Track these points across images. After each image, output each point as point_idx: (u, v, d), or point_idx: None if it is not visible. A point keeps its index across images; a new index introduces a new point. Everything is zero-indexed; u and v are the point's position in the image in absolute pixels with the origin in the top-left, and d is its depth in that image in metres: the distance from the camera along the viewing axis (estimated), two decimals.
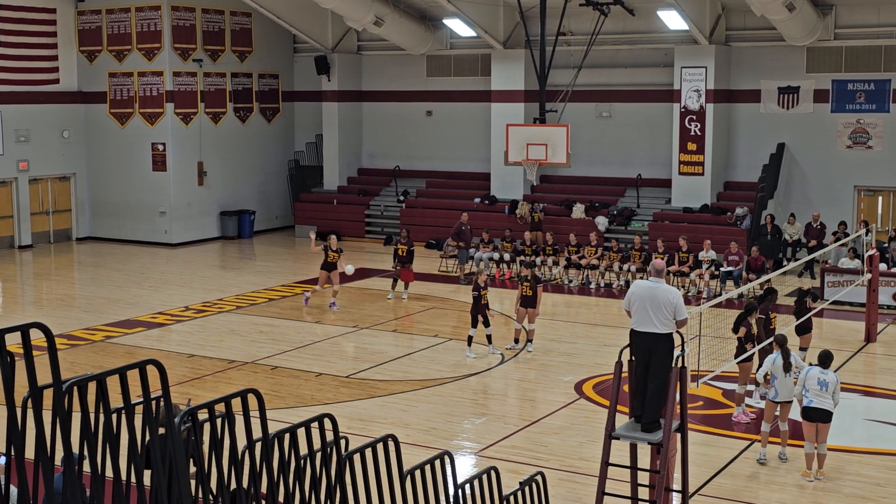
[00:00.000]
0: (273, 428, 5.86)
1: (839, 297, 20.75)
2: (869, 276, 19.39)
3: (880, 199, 27.96)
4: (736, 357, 14.40)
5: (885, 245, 24.49)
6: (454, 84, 33.17)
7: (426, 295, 23.59)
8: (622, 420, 10.44)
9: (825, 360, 12.44)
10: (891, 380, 16.90)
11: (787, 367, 12.62)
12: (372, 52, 34.30)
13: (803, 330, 16.56)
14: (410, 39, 32.08)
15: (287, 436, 6.03)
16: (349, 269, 22.35)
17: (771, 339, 13.75)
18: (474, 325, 18.10)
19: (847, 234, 24.85)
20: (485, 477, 8.80)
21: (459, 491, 8.30)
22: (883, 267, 21.89)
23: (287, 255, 30.55)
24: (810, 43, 27.61)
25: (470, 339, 18.14)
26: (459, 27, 30.96)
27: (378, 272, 26.12)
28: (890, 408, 15.22)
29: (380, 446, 6.97)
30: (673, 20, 27.60)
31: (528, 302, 18.33)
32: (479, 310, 18.10)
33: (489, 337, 18.24)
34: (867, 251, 19.76)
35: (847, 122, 27.86)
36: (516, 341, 18.47)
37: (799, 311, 16.63)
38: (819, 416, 12.14)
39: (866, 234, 20.51)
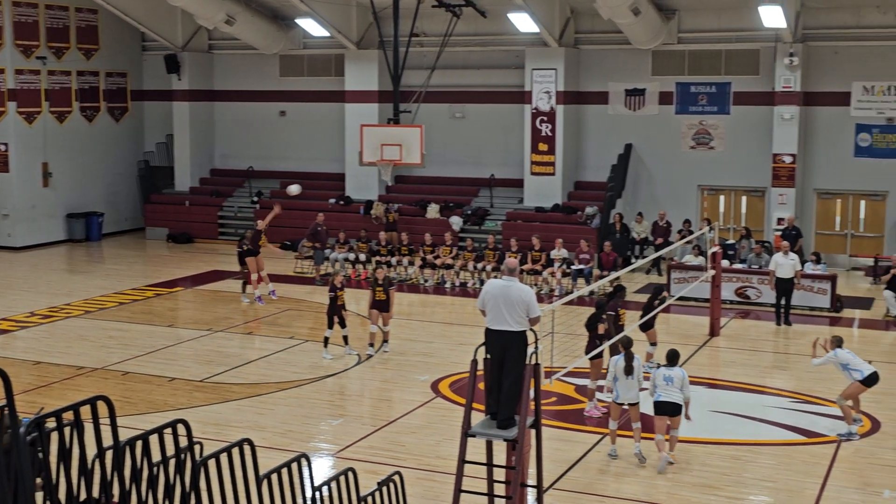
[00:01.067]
0: (124, 435, 5.73)
1: (684, 294, 21.46)
2: (712, 272, 20.11)
3: (722, 198, 29.04)
4: (587, 353, 14.75)
5: (734, 243, 25.43)
6: (308, 84, 32.96)
7: (281, 296, 23.37)
8: (478, 418, 10.57)
9: (671, 358, 12.96)
10: (734, 372, 17.56)
11: (628, 369, 12.97)
12: (224, 51, 33.79)
13: (647, 326, 17.06)
14: (263, 39, 31.73)
15: (139, 443, 5.90)
16: (293, 190, 22.40)
17: (617, 338, 14.15)
18: (330, 326, 18.03)
19: (691, 232, 25.75)
20: (342, 478, 8.79)
21: (317, 493, 8.27)
22: (725, 263, 22.73)
23: (137, 258, 29.81)
24: (655, 46, 28.49)
25: (326, 341, 18.07)
26: (312, 27, 30.78)
27: (231, 274, 25.74)
28: (734, 399, 15.81)
29: (235, 451, 6.89)
30: (523, 23, 28.07)
31: (382, 306, 18.33)
32: (336, 311, 18.05)
33: (346, 338, 18.21)
34: (710, 248, 20.49)
35: (690, 123, 28.85)
36: (371, 345, 18.42)
37: (648, 307, 17.13)
38: (668, 409, 12.62)
39: (709, 232, 21.29)
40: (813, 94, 27.44)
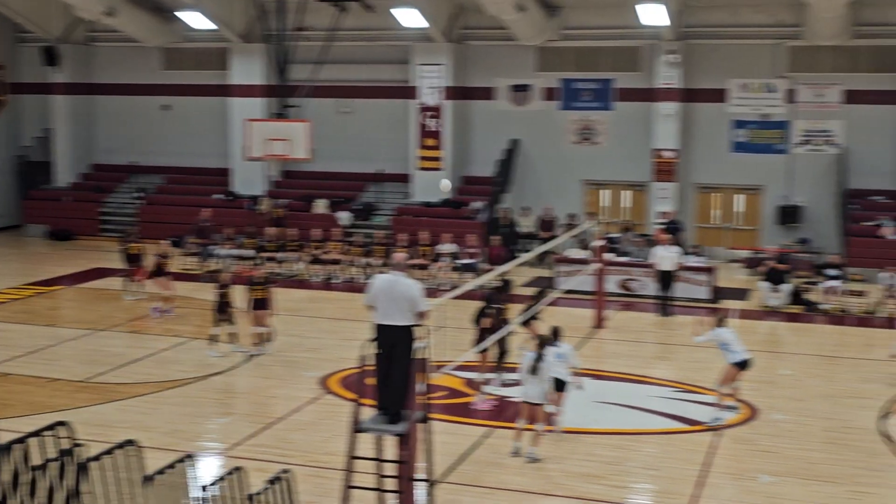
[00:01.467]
0: (2, 439, 5.59)
1: (570, 287, 21.80)
2: (597, 265, 20.48)
3: (605, 192, 29.59)
4: (475, 347, 14.87)
5: (617, 236, 25.92)
6: (192, 78, 32.43)
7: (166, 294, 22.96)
8: (368, 413, 10.59)
9: (556, 334, 13.53)
10: (618, 363, 17.93)
11: (533, 369, 12.90)
12: (104, 43, 32.98)
13: (528, 322, 16.96)
14: (145, 31, 31.11)
15: (18, 447, 5.77)
16: (445, 185, 19.67)
17: (506, 330, 14.31)
18: (218, 323, 17.81)
19: (576, 226, 26.16)
20: (230, 477, 8.72)
21: (204, 493, 8.19)
22: (611, 256, 23.17)
23: (15, 256, 28.94)
24: (540, 43, 28.86)
25: (213, 338, 17.84)
26: (196, 20, 30.26)
27: (113, 272, 25.19)
28: (618, 390, 16.13)
29: (119, 452, 6.78)
30: (409, 18, 28.11)
31: (260, 304, 18.10)
32: (223, 308, 17.84)
33: (233, 335, 18.00)
34: (595, 242, 20.85)
35: (574, 119, 29.32)
36: (256, 345, 18.19)
37: (531, 304, 17.16)
38: (555, 386, 12.99)
39: (594, 226, 21.64)
40: (692, 91, 28.15)
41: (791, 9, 27.08)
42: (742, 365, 14.45)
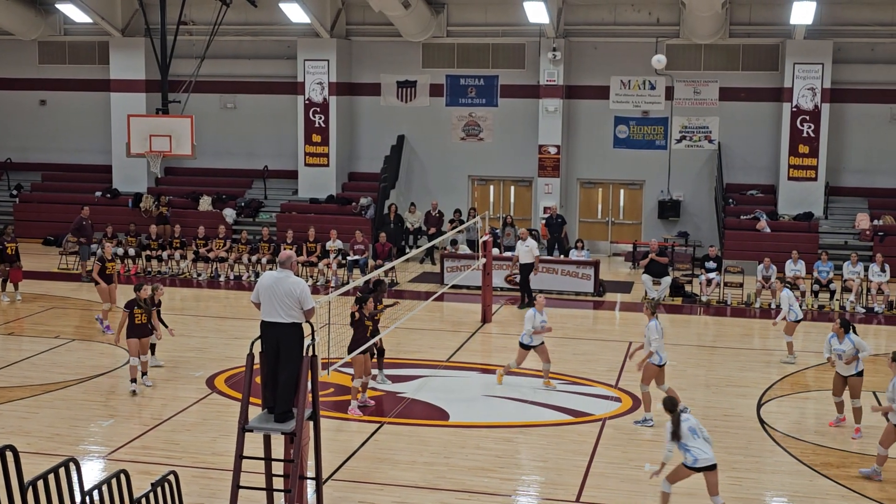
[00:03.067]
0: None
1: (457, 282, 21.95)
2: (483, 260, 20.67)
3: (492, 187, 29.87)
4: (350, 351, 14.35)
5: (498, 231, 26.19)
6: (70, 72, 31.62)
7: (45, 294, 22.38)
8: (256, 412, 10.50)
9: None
10: (506, 357, 18.08)
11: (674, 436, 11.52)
12: None
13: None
14: (19, 24, 30.19)
15: None
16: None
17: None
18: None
19: (462, 222, 26.35)
20: (114, 481, 8.56)
21: (87, 498, 8.02)
22: (496, 252, 23.40)
23: None
24: (426, 39, 28.97)
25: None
26: (74, 12, 29.49)
27: None
28: (505, 383, 16.27)
29: None
30: (295, 13, 27.90)
31: (142, 331, 17.13)
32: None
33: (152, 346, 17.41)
34: (481, 237, 21.04)
35: (460, 115, 29.52)
36: (133, 381, 17.47)
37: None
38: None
39: (479, 222, 21.82)
40: (575, 88, 28.63)
41: (669, 8, 27.76)
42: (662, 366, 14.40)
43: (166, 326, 16.54)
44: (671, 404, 10.94)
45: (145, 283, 15.76)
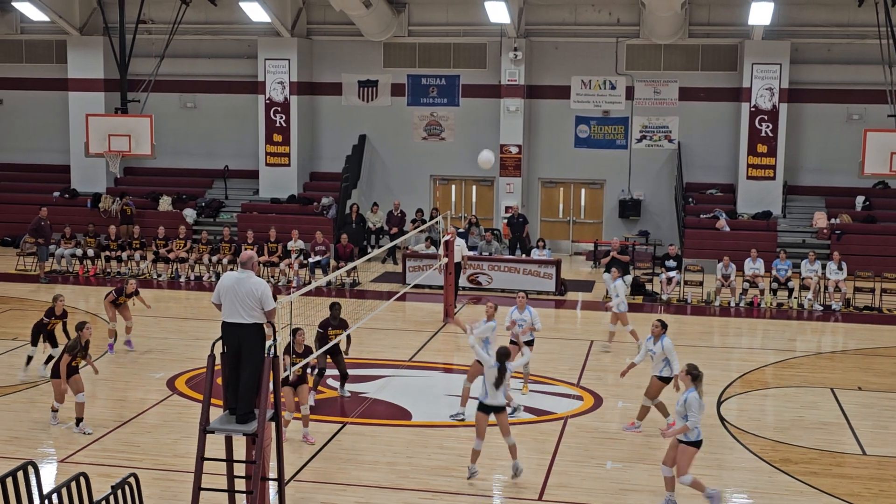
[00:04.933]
0: None
1: (419, 281, 21.95)
2: (445, 260, 20.68)
3: (454, 187, 29.90)
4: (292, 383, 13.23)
5: (464, 231, 26.21)
6: (26, 71, 31.29)
7: (2, 295, 22.12)
8: (217, 413, 10.44)
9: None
10: (468, 356, 18.10)
11: (497, 382, 12.04)
12: None
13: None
14: None
15: None
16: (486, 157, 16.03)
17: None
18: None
19: (424, 221, 26.36)
20: (73, 484, 8.49)
21: (46, 501, 7.95)
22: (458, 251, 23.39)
23: None
24: (387, 39, 28.94)
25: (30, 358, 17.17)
26: (30, 10, 29.14)
27: None
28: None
29: None
30: (255, 12, 27.76)
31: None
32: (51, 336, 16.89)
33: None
34: (443, 237, 21.05)
35: (422, 115, 29.52)
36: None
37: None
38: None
39: (441, 221, 21.82)
40: (536, 88, 28.73)
41: (629, 8, 27.92)
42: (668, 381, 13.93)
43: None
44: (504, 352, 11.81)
45: (88, 323, 14.25)
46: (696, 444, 11.27)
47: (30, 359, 16.29)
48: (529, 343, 15.35)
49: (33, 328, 16.27)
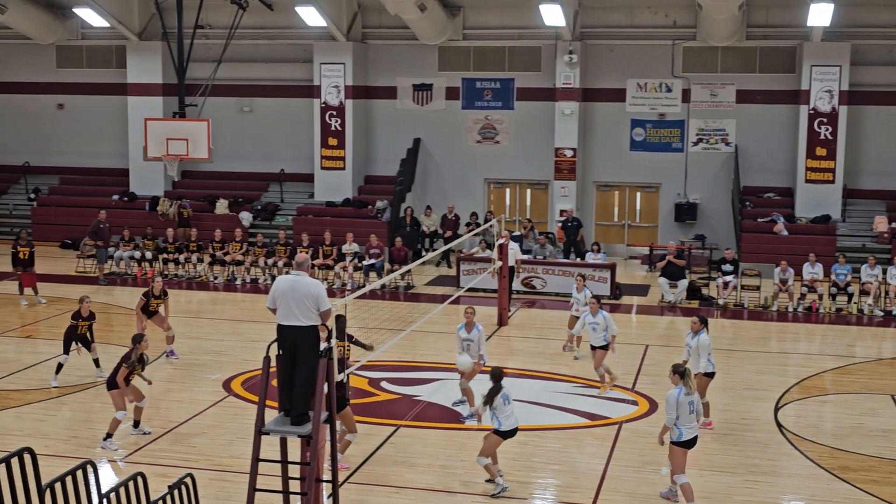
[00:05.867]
0: None
1: (473, 284, 21.93)
2: (500, 263, 20.64)
3: (508, 190, 29.85)
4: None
5: (519, 235, 26.14)
6: (87, 76, 31.77)
7: (62, 297, 22.47)
8: (272, 415, 10.51)
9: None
10: (522, 360, 18.11)
11: (486, 401, 11.97)
12: None
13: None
14: (37, 28, 30.35)
15: None
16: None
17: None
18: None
19: (479, 225, 26.33)
20: (131, 484, 8.58)
21: (104, 500, 8.04)
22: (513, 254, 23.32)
23: None
24: (441, 42, 28.97)
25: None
26: (91, 17, 29.62)
27: (6, 276, 24.53)
28: (522, 386, 16.20)
29: (14, 461, 6.62)
30: (311, 16, 27.94)
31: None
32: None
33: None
34: (497, 240, 21.01)
35: (476, 118, 29.51)
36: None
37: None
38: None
39: (496, 225, 21.80)
40: (591, 91, 28.58)
41: (685, 10, 27.69)
42: (711, 375, 14.09)
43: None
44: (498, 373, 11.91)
45: (145, 336, 14.20)
46: (682, 444, 11.17)
47: (60, 367, 16.10)
48: (604, 347, 15.99)
49: (65, 336, 16.29)
